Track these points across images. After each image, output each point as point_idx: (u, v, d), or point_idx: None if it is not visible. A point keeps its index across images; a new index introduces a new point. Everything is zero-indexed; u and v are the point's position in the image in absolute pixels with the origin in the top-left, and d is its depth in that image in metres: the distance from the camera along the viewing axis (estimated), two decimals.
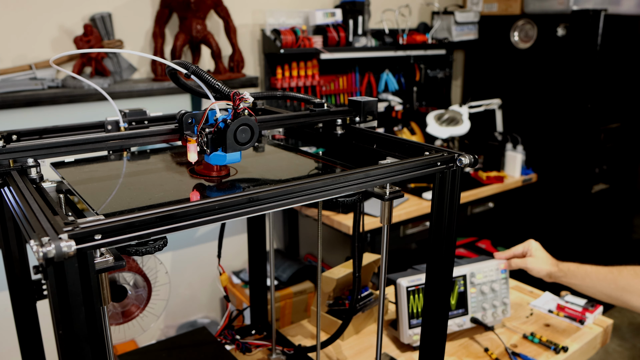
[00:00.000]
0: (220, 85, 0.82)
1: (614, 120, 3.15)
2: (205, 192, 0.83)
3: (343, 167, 0.94)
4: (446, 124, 2.98)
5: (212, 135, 0.81)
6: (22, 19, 2.05)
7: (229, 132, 0.79)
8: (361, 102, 1.04)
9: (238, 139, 0.80)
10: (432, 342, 0.95)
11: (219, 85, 0.82)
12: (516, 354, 1.34)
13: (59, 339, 0.58)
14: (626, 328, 3.35)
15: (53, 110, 2.07)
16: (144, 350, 1.32)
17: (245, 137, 0.81)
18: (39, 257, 0.52)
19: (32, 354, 0.98)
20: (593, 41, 2.82)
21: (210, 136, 0.81)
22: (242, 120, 0.80)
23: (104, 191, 0.82)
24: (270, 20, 2.58)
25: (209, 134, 0.81)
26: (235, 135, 0.80)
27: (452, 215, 0.87)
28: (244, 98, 0.80)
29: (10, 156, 0.79)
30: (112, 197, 0.79)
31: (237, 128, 0.80)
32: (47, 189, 0.80)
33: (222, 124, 0.80)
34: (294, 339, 1.44)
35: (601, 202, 3.21)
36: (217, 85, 0.81)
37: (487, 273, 1.42)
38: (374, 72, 3.03)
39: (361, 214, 1.15)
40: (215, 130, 0.80)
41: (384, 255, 0.94)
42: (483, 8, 3.28)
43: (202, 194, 0.82)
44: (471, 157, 0.84)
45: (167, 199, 0.78)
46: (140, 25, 2.33)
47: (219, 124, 0.80)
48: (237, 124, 0.79)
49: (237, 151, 0.82)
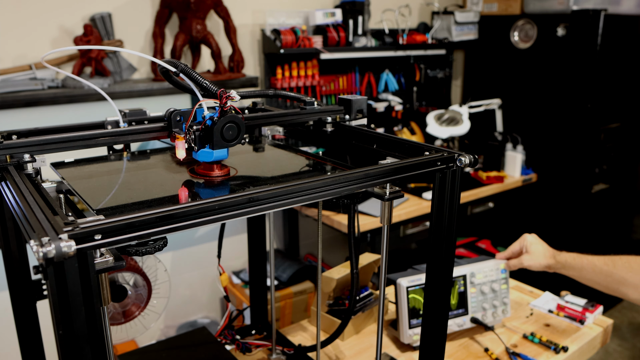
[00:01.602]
0: (208, 84, 0.83)
1: (614, 120, 3.15)
2: (201, 191, 0.84)
3: (342, 167, 0.94)
4: (446, 124, 2.98)
5: (199, 133, 0.82)
6: (22, 19, 2.05)
7: (216, 130, 0.81)
8: (351, 100, 1.06)
9: (225, 136, 0.82)
10: (432, 342, 0.95)
11: (207, 84, 0.83)
12: (516, 354, 1.34)
13: (59, 339, 0.58)
14: (626, 328, 3.35)
15: (53, 110, 2.07)
16: (144, 350, 1.32)
17: (232, 134, 0.83)
18: (39, 257, 0.52)
19: (32, 354, 0.98)
20: (593, 41, 2.82)
21: (197, 133, 0.82)
22: (228, 118, 0.81)
23: (102, 190, 0.83)
24: (270, 20, 2.58)
25: (197, 131, 0.82)
26: (222, 133, 0.82)
27: (452, 215, 0.87)
28: (230, 96, 0.81)
29: (7, 152, 0.79)
30: (110, 196, 0.80)
31: (224, 125, 0.81)
32: (47, 189, 0.80)
33: (209, 122, 0.82)
34: (294, 339, 1.44)
35: (601, 202, 3.21)
36: (204, 84, 0.83)
37: (487, 273, 1.42)
38: (374, 72, 3.03)
39: (355, 212, 1.16)
40: (203, 127, 0.82)
41: (384, 255, 0.94)
42: (483, 8, 3.28)
43: (200, 193, 0.82)
44: (471, 157, 0.84)
45: (166, 198, 0.78)
46: (140, 25, 2.33)
47: (206, 121, 0.82)
48: (224, 121, 0.81)
49: (224, 148, 0.84)
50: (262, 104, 1.20)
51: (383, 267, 0.95)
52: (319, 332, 1.25)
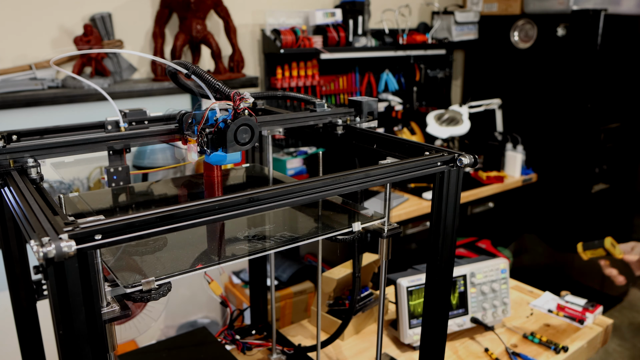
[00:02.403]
0: (221, 86, 0.82)
1: (614, 120, 3.15)
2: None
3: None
4: (446, 124, 2.98)
5: (212, 136, 0.81)
6: (22, 19, 2.05)
7: (229, 132, 0.79)
8: (362, 102, 1.04)
9: (238, 139, 0.80)
10: (432, 342, 0.95)
11: (219, 85, 0.82)
12: (516, 354, 1.34)
13: (59, 339, 0.58)
14: (626, 328, 3.35)
15: (53, 110, 2.07)
16: (144, 350, 1.32)
17: (246, 137, 0.81)
18: (39, 257, 0.52)
19: (32, 354, 0.98)
20: (593, 41, 2.82)
21: (210, 136, 0.81)
22: (242, 120, 0.80)
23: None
24: (270, 20, 2.58)
25: (209, 134, 0.81)
26: (236, 135, 0.80)
27: (452, 216, 0.87)
28: (244, 98, 0.80)
29: (10, 156, 0.79)
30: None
31: (237, 128, 0.80)
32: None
33: (222, 124, 0.80)
34: (294, 339, 1.44)
35: (601, 202, 3.21)
36: (217, 85, 0.82)
37: (487, 273, 1.42)
38: (374, 72, 3.03)
39: (360, 253, 1.19)
40: (216, 130, 0.81)
41: (384, 265, 0.94)
42: (483, 8, 3.28)
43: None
44: (471, 157, 0.84)
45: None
46: (140, 25, 2.33)
47: (219, 124, 0.80)
48: (237, 124, 0.80)
49: (238, 151, 0.82)
50: (263, 105, 1.19)
51: (383, 267, 0.95)
52: (319, 332, 1.25)
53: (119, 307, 0.63)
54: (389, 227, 0.88)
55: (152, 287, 0.68)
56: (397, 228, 0.89)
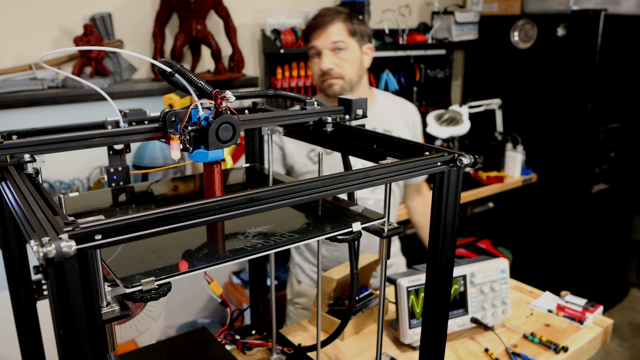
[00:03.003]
0: (203, 84, 0.83)
1: (614, 120, 3.15)
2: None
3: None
4: (446, 124, 2.98)
5: (194, 133, 0.82)
6: (22, 19, 2.05)
7: (211, 130, 0.81)
8: (352, 101, 1.05)
9: (220, 136, 0.82)
10: (432, 342, 0.95)
11: (202, 84, 0.83)
12: (516, 354, 1.34)
13: (59, 339, 0.58)
14: (626, 328, 3.35)
15: (53, 110, 2.07)
16: (144, 350, 1.32)
17: (227, 135, 0.83)
18: (39, 257, 0.52)
19: (32, 354, 0.98)
20: (593, 41, 2.82)
21: (192, 134, 0.82)
22: (223, 119, 0.81)
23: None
24: (270, 20, 2.58)
25: (192, 132, 0.82)
26: (217, 133, 0.81)
27: (452, 216, 0.87)
28: (225, 97, 0.81)
29: (7, 152, 0.79)
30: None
31: (219, 126, 0.81)
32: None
33: (204, 122, 0.81)
34: (294, 339, 1.44)
35: (601, 202, 3.21)
36: (199, 84, 0.83)
37: (487, 273, 1.42)
38: (374, 72, 3.03)
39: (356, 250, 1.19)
40: (198, 128, 0.82)
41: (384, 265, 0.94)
42: (483, 8, 3.28)
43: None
44: (471, 157, 0.84)
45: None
46: (140, 25, 2.33)
47: (201, 122, 0.82)
48: (218, 122, 0.81)
49: (219, 149, 0.84)
50: (263, 104, 1.20)
51: (383, 267, 0.95)
52: (319, 332, 1.25)
53: (119, 307, 0.64)
54: (389, 227, 0.88)
55: (152, 287, 0.68)
56: (397, 228, 0.89)
